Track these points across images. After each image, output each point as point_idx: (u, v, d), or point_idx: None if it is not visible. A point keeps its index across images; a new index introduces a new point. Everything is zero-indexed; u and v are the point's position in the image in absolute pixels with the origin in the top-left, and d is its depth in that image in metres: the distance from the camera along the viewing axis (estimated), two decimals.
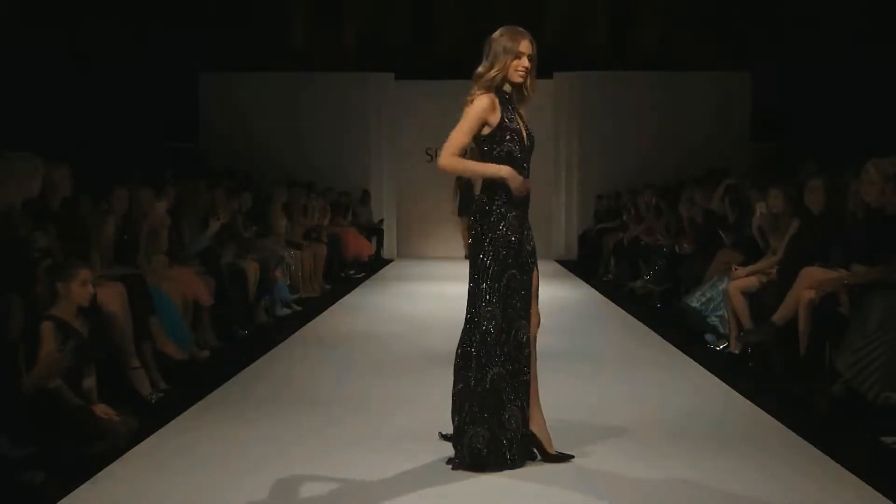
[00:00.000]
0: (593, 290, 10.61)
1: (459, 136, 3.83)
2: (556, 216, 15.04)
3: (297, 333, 7.52)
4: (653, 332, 7.54)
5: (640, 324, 8.00)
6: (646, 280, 9.69)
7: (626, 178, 13.82)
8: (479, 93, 3.82)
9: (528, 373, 3.90)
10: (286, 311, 8.53)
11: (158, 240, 6.44)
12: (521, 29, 3.87)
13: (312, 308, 8.93)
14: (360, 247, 12.69)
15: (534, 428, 3.91)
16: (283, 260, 8.99)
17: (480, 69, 3.83)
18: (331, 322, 8.30)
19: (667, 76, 14.61)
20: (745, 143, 14.19)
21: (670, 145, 14.33)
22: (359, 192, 14.71)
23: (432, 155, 15.67)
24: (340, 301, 9.67)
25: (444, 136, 3.90)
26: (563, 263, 13.81)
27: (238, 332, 7.20)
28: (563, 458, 3.98)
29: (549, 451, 3.98)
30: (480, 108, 3.80)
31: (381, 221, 15.07)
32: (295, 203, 10.61)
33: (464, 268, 4.02)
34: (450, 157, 3.79)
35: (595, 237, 12.79)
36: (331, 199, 12.80)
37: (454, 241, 13.22)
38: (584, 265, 13.09)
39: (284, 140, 14.46)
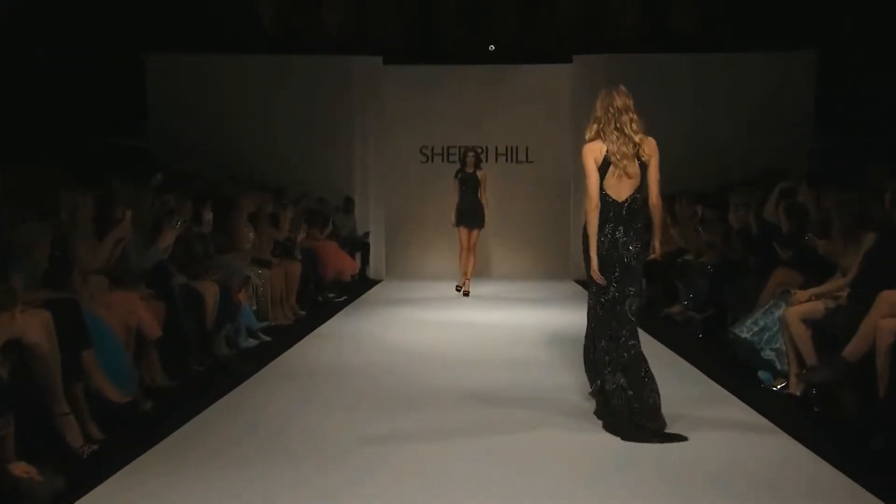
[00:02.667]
0: None
1: None
2: (576, 227, 14.98)
3: (265, 369, 7.55)
4: (694, 369, 7.54)
5: (678, 357, 8.01)
6: (684, 305, 9.75)
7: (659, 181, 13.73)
8: None
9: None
10: (252, 341, 8.58)
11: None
12: None
13: (284, 338, 8.98)
14: (342, 264, 12.73)
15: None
16: (248, 280, 9.03)
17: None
18: (306, 354, 8.33)
19: (708, 59, 14.62)
20: (808, 139, 14.15)
21: (712, 142, 14.33)
22: (340, 198, 14.79)
23: (428, 155, 15.66)
24: (318, 329, 9.71)
25: (441, 132, 3.81)
26: (585, 285, 13.71)
27: (193, 369, 7.21)
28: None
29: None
30: None
31: (367, 234, 15.11)
32: (263, 212, 10.62)
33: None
34: None
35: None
36: (306, 207, 12.81)
37: (454, 257, 13.12)
38: None
39: (251, 137, 14.54)
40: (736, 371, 7.19)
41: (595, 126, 5.60)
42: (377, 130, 15.17)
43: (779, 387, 6.67)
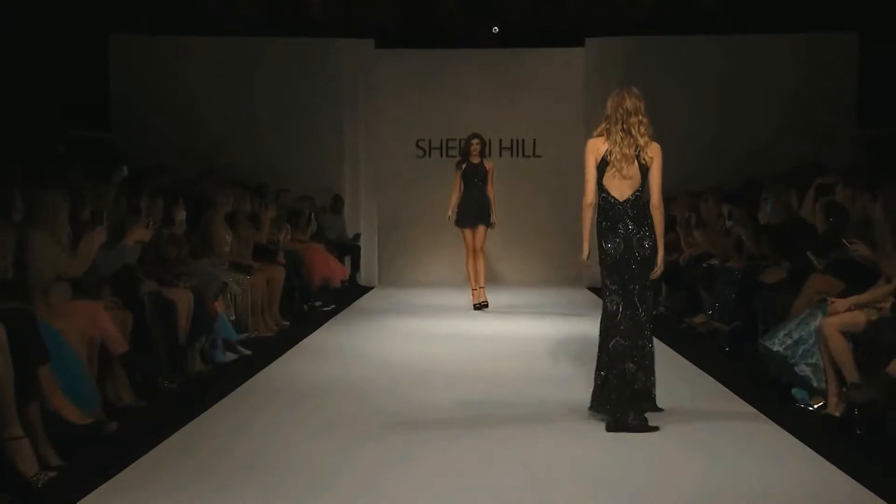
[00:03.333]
0: None
1: None
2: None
3: (244, 386, 7.55)
4: (720, 385, 7.54)
5: (703, 373, 8.03)
6: (709, 314, 9.71)
7: (680, 177, 13.63)
8: None
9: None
10: (230, 355, 8.59)
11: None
12: None
13: (265, 351, 9.01)
14: (330, 270, 12.71)
15: None
16: (225, 287, 9.02)
17: None
18: (290, 370, 8.33)
19: (735, 42, 14.63)
20: (849, 129, 14.15)
21: (740, 134, 14.34)
22: (328, 197, 14.82)
23: (425, 149, 15.64)
24: (303, 342, 9.73)
25: (440, 124, 3.81)
26: (597, 292, 13.67)
27: (164, 386, 7.20)
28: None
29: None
30: None
31: (358, 236, 15.14)
32: (242, 212, 10.63)
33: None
34: None
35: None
36: (289, 206, 12.82)
37: (453, 262, 13.11)
38: None
39: (228, 128, 14.53)
40: (767, 389, 7.18)
41: (603, 124, 6.26)
42: (368, 121, 15.26)
43: (816, 406, 6.66)
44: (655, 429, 6.06)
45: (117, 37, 14.50)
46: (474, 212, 12.02)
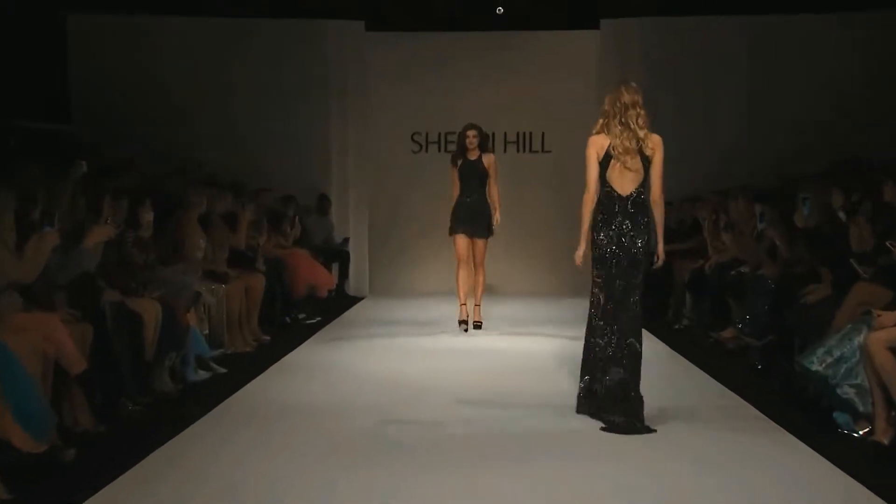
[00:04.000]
0: (660, 343, 10.63)
1: None
2: None
3: (218, 408, 7.55)
4: (751, 408, 7.54)
5: (731, 393, 8.05)
6: (739, 328, 9.76)
7: (706, 174, 13.82)
8: None
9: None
10: (203, 374, 8.61)
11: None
12: None
13: (243, 369, 9.03)
14: (315, 278, 12.72)
15: None
16: (198, 298, 9.05)
17: None
18: (270, 390, 8.35)
19: (766, 22, 14.62)
20: None
21: (775, 125, 14.33)
22: (313, 196, 14.83)
23: (421, 143, 15.61)
24: (285, 359, 9.76)
25: (438, 115, 3.80)
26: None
27: (128, 409, 7.18)
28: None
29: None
30: None
31: (346, 241, 15.20)
32: (217, 213, 10.62)
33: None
34: None
35: (661, 264, 12.71)
36: (270, 207, 12.80)
37: (453, 269, 12.95)
38: (645, 306, 13.04)
39: (202, 119, 14.56)
40: (805, 412, 7.17)
41: (601, 120, 6.98)
42: (358, 112, 15.32)
43: (861, 433, 6.63)
44: (653, 430, 6.67)
45: (77, 17, 14.45)
46: (471, 219, 11.35)
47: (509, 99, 15.49)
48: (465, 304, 11.57)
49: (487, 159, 11.38)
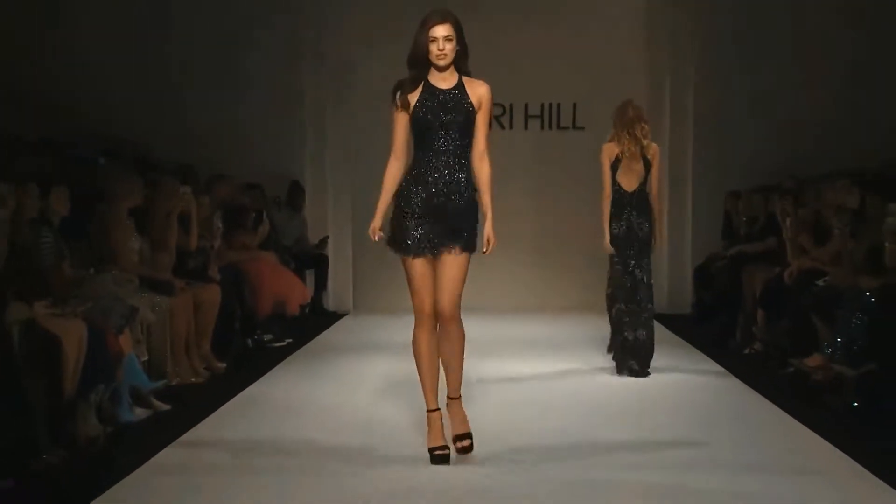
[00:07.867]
0: (724, 372, 10.85)
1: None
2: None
3: (159, 455, 7.58)
4: (847, 458, 7.46)
5: (820, 439, 8.03)
6: (828, 353, 9.74)
7: (783, 159, 13.95)
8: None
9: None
10: (141, 412, 8.72)
11: None
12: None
13: (191, 405, 9.21)
14: (285, 289, 12.88)
15: None
16: (135, 315, 9.09)
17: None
18: (226, 431, 8.47)
19: None
20: None
21: (870, 99, 14.52)
22: (283, 186, 15.10)
23: None
24: (245, 392, 9.93)
25: None
26: (666, 321, 14.01)
27: (40, 459, 7.12)
28: None
29: None
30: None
31: (324, 241, 15.48)
32: (159, 206, 10.66)
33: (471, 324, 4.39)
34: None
35: (727, 272, 13.02)
36: (228, 199, 12.75)
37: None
38: (704, 324, 13.53)
39: (140, 90, 14.80)
40: None
41: (613, 131, 10.49)
42: (338, 83, 15.52)
43: None
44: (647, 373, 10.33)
45: None
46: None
47: (531, 65, 15.71)
48: (433, 410, 9.86)
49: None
